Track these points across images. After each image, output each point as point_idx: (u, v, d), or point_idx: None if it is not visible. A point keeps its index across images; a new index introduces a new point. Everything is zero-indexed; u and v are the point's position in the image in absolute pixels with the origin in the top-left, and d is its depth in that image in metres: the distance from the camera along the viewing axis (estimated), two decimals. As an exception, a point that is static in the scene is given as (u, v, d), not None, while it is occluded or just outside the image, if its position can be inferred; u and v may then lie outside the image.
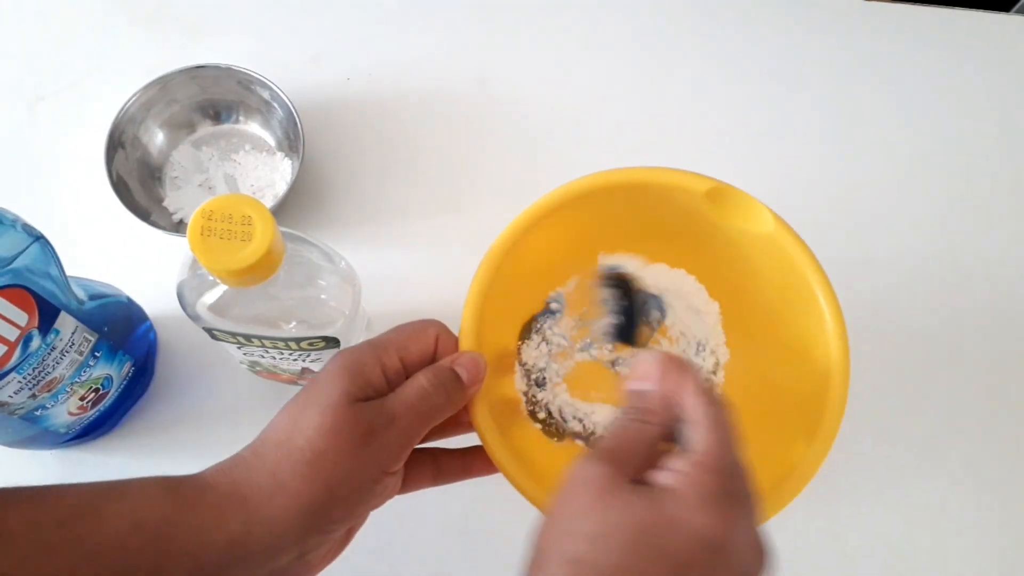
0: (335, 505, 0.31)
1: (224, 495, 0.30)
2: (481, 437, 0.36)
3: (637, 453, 0.30)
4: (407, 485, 0.37)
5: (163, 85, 0.54)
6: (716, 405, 0.30)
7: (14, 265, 0.36)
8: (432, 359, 0.36)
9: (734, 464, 0.29)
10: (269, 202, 0.54)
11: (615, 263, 0.45)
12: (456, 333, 0.37)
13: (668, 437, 0.31)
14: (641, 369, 0.32)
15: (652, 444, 0.30)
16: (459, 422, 0.37)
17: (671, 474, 0.28)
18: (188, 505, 0.30)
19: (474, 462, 0.38)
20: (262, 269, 0.34)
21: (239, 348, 0.42)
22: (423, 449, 0.38)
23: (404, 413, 0.33)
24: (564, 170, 0.58)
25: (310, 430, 0.31)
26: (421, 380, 0.34)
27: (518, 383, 0.43)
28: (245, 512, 0.30)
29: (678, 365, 0.31)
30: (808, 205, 0.57)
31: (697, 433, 0.29)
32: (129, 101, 0.54)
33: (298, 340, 0.40)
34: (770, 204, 0.38)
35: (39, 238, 0.38)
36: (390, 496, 0.35)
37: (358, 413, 0.32)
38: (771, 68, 0.62)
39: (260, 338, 0.40)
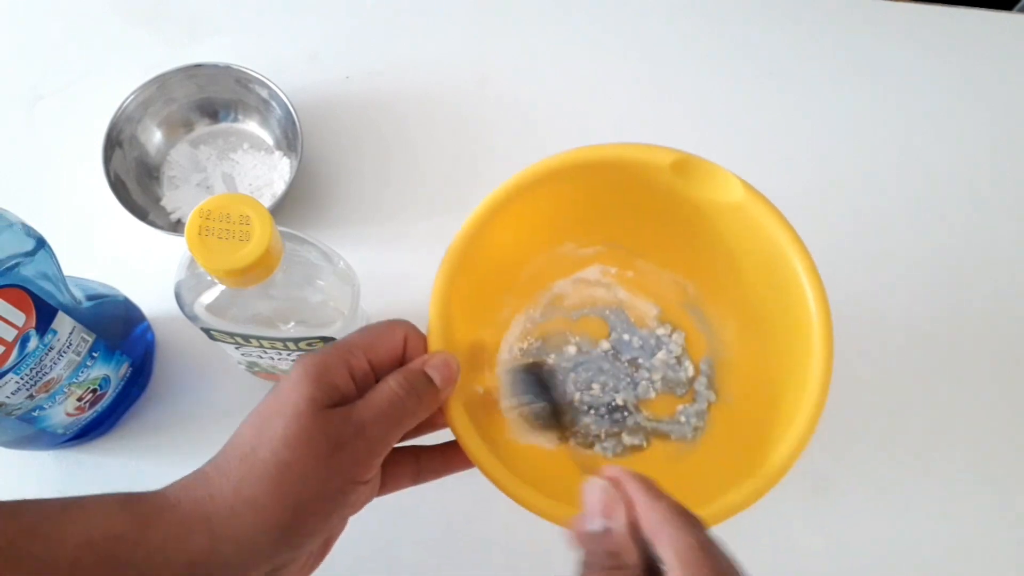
0: (305, 518, 0.30)
1: (185, 513, 0.29)
2: (460, 441, 0.35)
3: None
4: (386, 486, 0.36)
5: (161, 84, 0.54)
6: (689, 526, 0.27)
7: (11, 265, 0.36)
8: (401, 361, 0.34)
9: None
10: (267, 201, 0.54)
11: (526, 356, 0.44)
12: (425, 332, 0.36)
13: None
14: (591, 502, 0.29)
15: None
16: (432, 423, 0.36)
17: None
18: (146, 523, 0.29)
19: (455, 458, 0.36)
20: (260, 269, 0.34)
21: (237, 348, 0.42)
22: (402, 448, 0.36)
23: (374, 420, 0.31)
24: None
25: (275, 441, 0.30)
26: (392, 384, 0.32)
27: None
28: (209, 530, 0.29)
29: (635, 484, 0.28)
30: (809, 203, 0.57)
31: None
32: (127, 100, 0.53)
33: (296, 340, 0.40)
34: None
35: (37, 238, 0.38)
36: (367, 502, 0.33)
37: (325, 421, 0.30)
38: (772, 66, 0.62)
39: (258, 338, 0.40)
